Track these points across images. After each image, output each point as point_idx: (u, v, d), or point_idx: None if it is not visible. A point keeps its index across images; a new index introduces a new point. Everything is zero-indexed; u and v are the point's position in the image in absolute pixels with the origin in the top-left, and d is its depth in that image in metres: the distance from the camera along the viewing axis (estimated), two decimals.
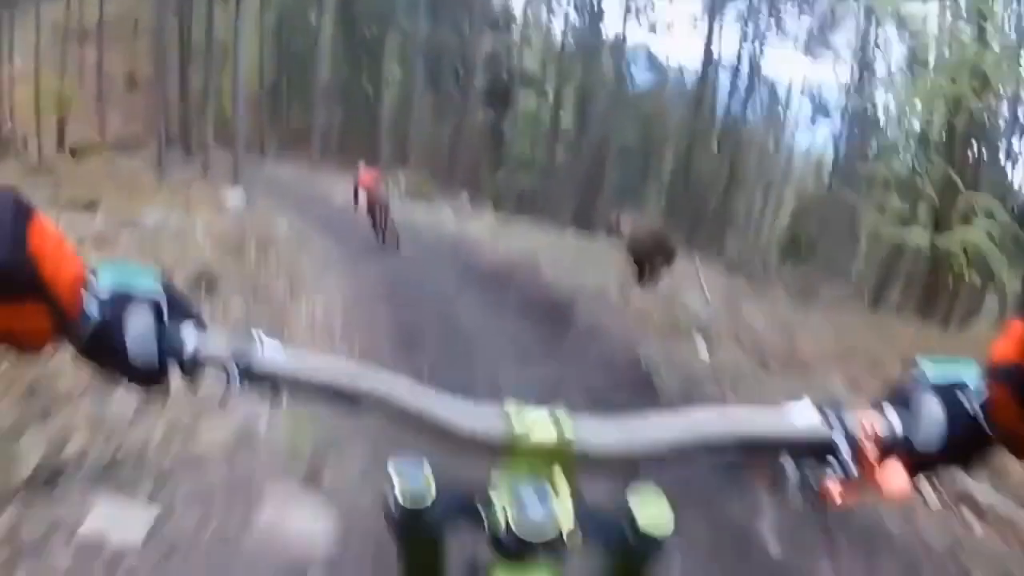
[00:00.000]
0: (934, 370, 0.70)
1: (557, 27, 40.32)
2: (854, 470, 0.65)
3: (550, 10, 40.66)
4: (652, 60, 41.60)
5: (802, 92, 37.58)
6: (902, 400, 0.70)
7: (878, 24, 29.87)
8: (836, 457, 0.66)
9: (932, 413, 0.68)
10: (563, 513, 0.59)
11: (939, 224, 15.04)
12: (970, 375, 0.69)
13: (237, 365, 0.65)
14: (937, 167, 15.46)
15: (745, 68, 35.56)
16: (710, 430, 0.67)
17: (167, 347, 0.65)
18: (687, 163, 34.33)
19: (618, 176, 35.77)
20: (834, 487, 0.65)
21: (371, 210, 12.72)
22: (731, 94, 36.24)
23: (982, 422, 0.66)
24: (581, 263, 12.16)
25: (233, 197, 15.97)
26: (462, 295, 9.47)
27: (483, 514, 0.61)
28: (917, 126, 18.19)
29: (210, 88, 25.50)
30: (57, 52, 31.20)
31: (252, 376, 0.65)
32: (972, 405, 0.67)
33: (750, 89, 36.14)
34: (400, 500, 0.61)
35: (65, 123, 30.58)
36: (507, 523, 0.58)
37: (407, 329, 7.33)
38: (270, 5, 39.19)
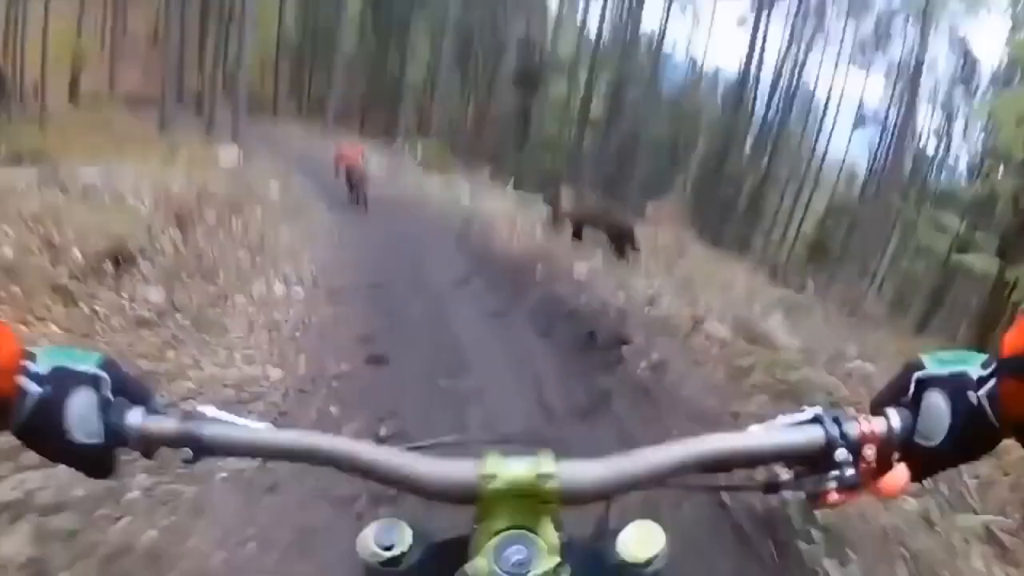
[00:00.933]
0: (937, 365, 0.67)
1: (594, 15, 38.94)
2: (854, 477, 0.64)
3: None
4: (689, 57, 40.12)
5: (840, 100, 36.68)
6: (904, 397, 0.68)
7: (926, 36, 28.86)
8: (836, 465, 0.64)
9: (936, 409, 0.65)
10: (548, 558, 0.60)
11: (1007, 252, 13.40)
12: (974, 367, 0.65)
13: (186, 446, 0.63)
14: (1013, 189, 13.82)
15: (787, 72, 34.69)
16: (700, 453, 0.65)
17: (111, 429, 0.63)
18: (719, 161, 33.63)
19: (646, 168, 34.48)
20: (832, 492, 0.64)
21: (348, 178, 14.53)
22: (770, 96, 35.48)
23: (989, 415, 0.63)
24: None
25: (227, 155, 15.42)
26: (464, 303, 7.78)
27: (466, 568, 0.61)
28: (978, 143, 17.16)
29: (226, 48, 24.45)
30: (77, 5, 30.64)
31: (204, 454, 0.64)
32: (978, 398, 0.63)
33: (790, 93, 35.18)
34: (377, 559, 0.64)
35: (79, 75, 29.88)
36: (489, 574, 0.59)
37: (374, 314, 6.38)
38: None
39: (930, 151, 34.51)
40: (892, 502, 3.12)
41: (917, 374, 0.67)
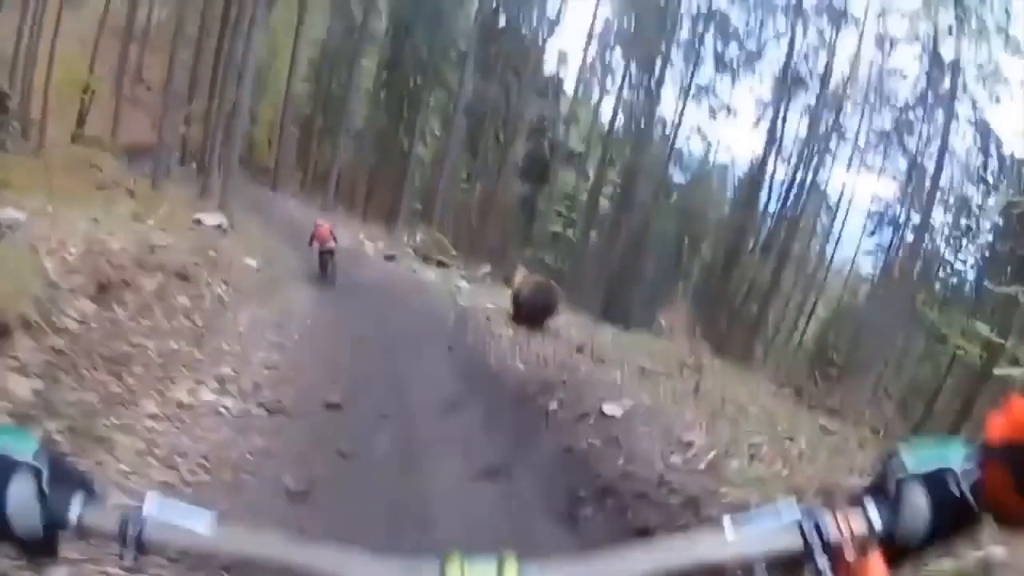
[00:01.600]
0: (916, 456, 0.68)
1: (608, 104, 38.49)
2: (829, 574, 0.63)
3: (603, 87, 38.82)
4: (703, 150, 39.67)
5: (851, 201, 35.91)
6: (884, 491, 0.68)
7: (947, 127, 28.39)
8: (813, 565, 0.63)
9: (916, 503, 0.65)
10: None
11: None
12: (955, 457, 0.66)
13: (127, 536, 0.60)
14: None
15: (802, 168, 33.79)
16: (678, 558, 0.62)
17: (51, 517, 0.61)
18: (728, 265, 32.97)
19: (653, 268, 33.81)
20: None
21: (320, 254, 15.46)
22: (785, 195, 34.58)
23: (971, 504, 0.64)
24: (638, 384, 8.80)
25: (210, 219, 14.73)
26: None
27: None
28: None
29: (235, 110, 23.68)
30: (94, 45, 29.83)
31: (145, 547, 0.60)
32: (961, 488, 0.64)
33: (803, 192, 34.26)
34: None
35: (86, 115, 28.91)
36: None
37: None
38: (314, 40, 38.02)
39: (946, 252, 33.14)
40: None
41: (896, 468, 0.67)
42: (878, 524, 0.65)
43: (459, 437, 5.72)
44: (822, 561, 0.62)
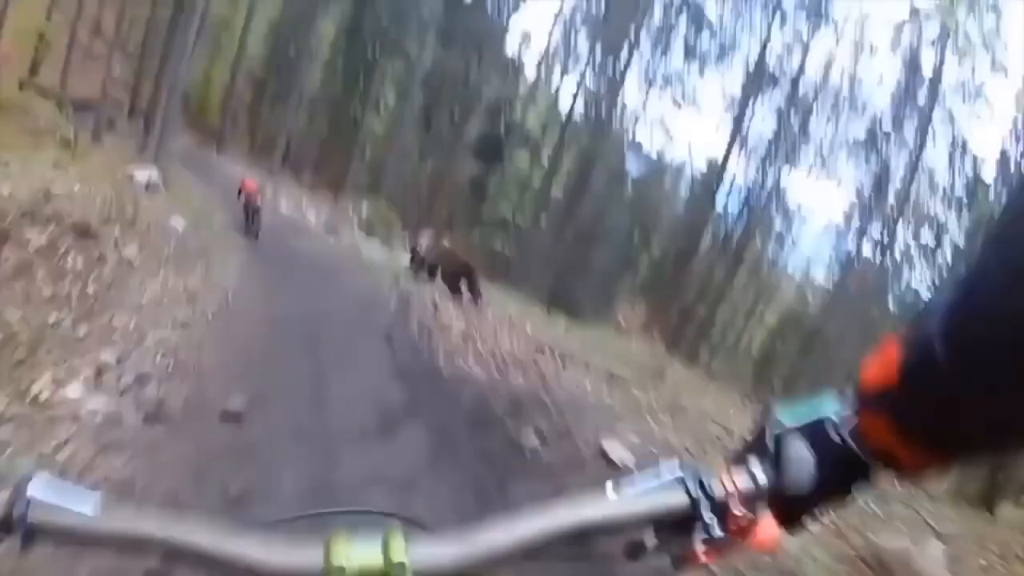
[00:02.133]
0: (792, 413, 0.68)
1: (568, 88, 37.88)
2: (720, 532, 0.63)
3: (565, 70, 38.21)
4: (664, 143, 39.35)
5: (810, 208, 36.11)
6: (765, 449, 0.67)
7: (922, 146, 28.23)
8: (701, 523, 0.63)
9: (798, 455, 0.66)
10: None
11: None
12: (830, 408, 0.67)
13: (11, 533, 0.56)
14: None
15: (764, 171, 33.33)
16: (558, 523, 0.61)
17: None
18: (679, 263, 32.46)
19: (604, 261, 33.42)
20: (700, 550, 0.62)
21: (245, 208, 15.73)
22: (743, 196, 34.17)
23: (857, 452, 0.64)
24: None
25: (141, 174, 14.32)
26: None
27: None
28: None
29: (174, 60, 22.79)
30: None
31: (32, 531, 0.56)
32: (842, 438, 0.65)
33: (760, 194, 33.81)
34: None
35: (39, 64, 28.13)
36: None
37: None
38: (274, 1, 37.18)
39: (908, 266, 32.80)
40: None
41: (775, 430, 0.67)
42: (763, 480, 0.65)
43: (396, 481, 4.27)
44: (708, 515, 0.62)
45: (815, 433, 0.65)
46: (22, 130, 14.49)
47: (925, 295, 31.05)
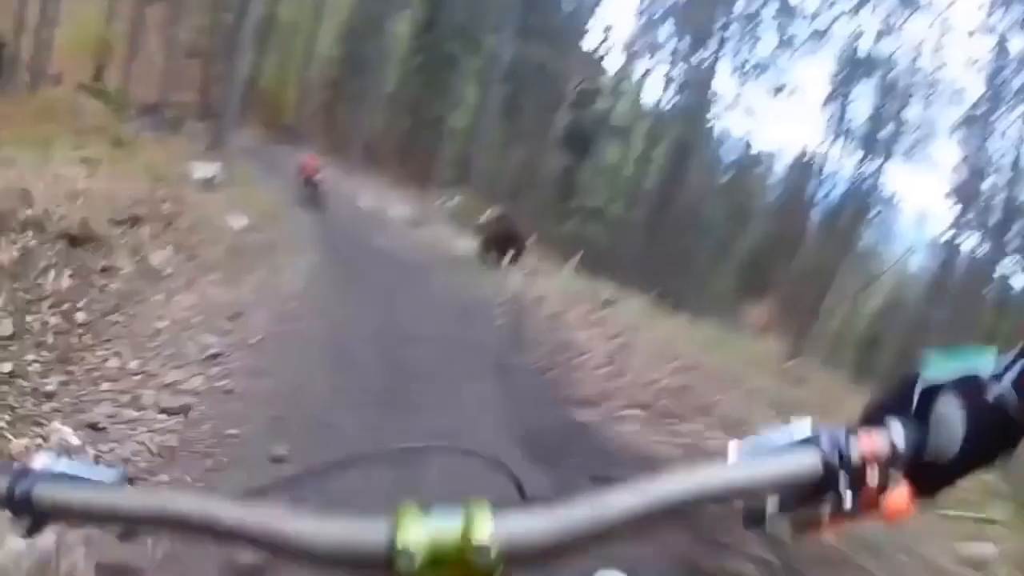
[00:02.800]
0: (941, 369, 0.60)
1: (654, 79, 37.24)
2: (851, 503, 0.55)
3: (650, 60, 37.63)
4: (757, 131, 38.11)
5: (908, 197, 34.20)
6: (908, 406, 0.60)
7: None
8: (833, 492, 0.55)
9: (948, 420, 0.58)
10: None
11: None
12: (986, 364, 0.59)
13: (19, 513, 0.51)
14: None
15: (860, 161, 31.45)
16: (676, 492, 0.53)
17: None
18: (784, 254, 31.41)
19: (703, 250, 32.70)
20: (826, 519, 0.56)
21: (306, 183, 17.25)
22: (843, 185, 32.68)
23: (1011, 413, 0.57)
24: None
25: (200, 171, 13.58)
26: None
27: None
28: None
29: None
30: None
31: (45, 521, 0.52)
32: (996, 397, 0.57)
33: (860, 183, 31.85)
34: None
35: (102, 69, 29.01)
36: None
37: None
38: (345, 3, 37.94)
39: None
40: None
41: (922, 384, 0.60)
42: (905, 443, 0.57)
43: None
44: (843, 483, 0.54)
45: (968, 391, 0.57)
46: (69, 130, 13.97)
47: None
